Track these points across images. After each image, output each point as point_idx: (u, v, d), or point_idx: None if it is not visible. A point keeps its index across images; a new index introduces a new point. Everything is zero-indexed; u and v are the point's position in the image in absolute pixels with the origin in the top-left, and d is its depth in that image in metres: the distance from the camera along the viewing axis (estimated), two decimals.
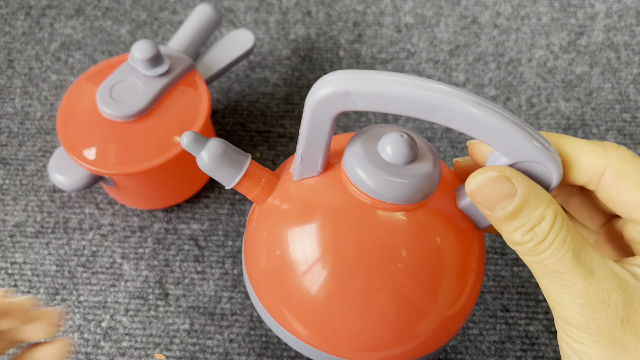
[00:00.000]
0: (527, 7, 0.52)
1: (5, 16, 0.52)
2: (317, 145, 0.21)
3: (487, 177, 0.20)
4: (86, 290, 0.39)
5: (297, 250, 0.22)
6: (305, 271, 0.22)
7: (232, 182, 0.23)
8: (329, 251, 0.22)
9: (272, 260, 0.23)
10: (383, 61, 0.49)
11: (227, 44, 0.43)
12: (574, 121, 0.45)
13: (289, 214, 0.23)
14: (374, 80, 0.19)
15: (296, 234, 0.22)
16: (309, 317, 0.22)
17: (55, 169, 0.38)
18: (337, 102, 0.19)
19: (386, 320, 0.22)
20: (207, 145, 0.22)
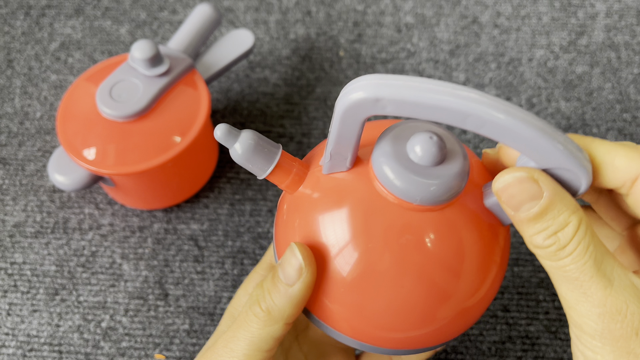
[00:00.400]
0: (527, 7, 0.52)
1: (5, 16, 0.52)
2: (346, 145, 0.22)
3: (514, 177, 0.20)
4: (86, 291, 0.39)
5: (329, 234, 0.23)
6: (336, 254, 0.22)
7: (265, 173, 0.23)
8: (358, 236, 0.22)
9: (306, 243, 0.23)
10: (383, 61, 0.49)
11: (227, 44, 0.43)
12: (574, 121, 0.45)
13: (320, 202, 0.23)
14: (404, 87, 0.19)
15: (327, 220, 0.23)
16: (339, 296, 0.23)
17: (54, 169, 0.38)
18: (367, 107, 0.20)
19: (412, 302, 0.22)
20: (240, 138, 0.23)
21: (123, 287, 0.39)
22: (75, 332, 0.38)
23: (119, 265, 0.40)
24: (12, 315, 0.38)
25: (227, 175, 0.43)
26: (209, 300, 0.38)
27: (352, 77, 0.48)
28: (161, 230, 0.41)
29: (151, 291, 0.39)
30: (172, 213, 0.42)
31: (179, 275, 0.39)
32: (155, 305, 0.38)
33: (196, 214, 0.42)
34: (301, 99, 0.47)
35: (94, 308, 0.38)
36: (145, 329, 0.38)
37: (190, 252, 0.40)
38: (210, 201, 0.42)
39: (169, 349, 0.37)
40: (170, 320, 0.38)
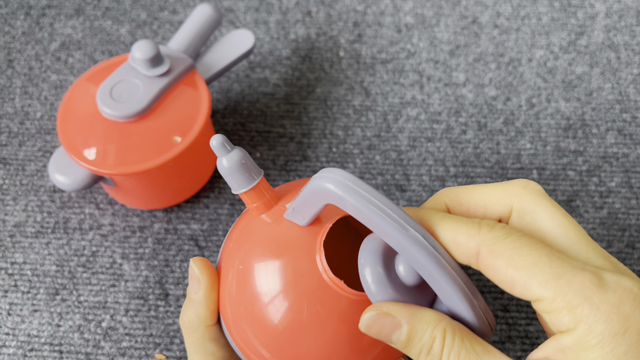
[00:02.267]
0: (527, 7, 0.52)
1: (5, 16, 0.52)
2: (307, 211, 0.24)
3: (370, 316, 0.22)
4: (86, 291, 0.39)
5: (266, 279, 0.25)
6: (267, 302, 0.24)
7: (239, 190, 0.25)
8: (288, 292, 0.24)
9: (241, 284, 0.25)
10: (383, 61, 0.49)
11: (227, 44, 0.43)
12: (574, 121, 0.45)
13: (268, 242, 0.25)
14: (366, 202, 0.21)
15: (268, 267, 0.25)
16: (271, 342, 0.25)
17: (55, 169, 0.38)
18: (332, 199, 0.22)
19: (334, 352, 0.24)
20: (230, 153, 0.25)
21: (123, 287, 0.39)
22: (75, 332, 0.38)
23: (119, 265, 0.40)
24: (13, 315, 0.38)
25: None
26: None
27: (352, 77, 0.48)
28: (161, 230, 0.41)
29: (152, 291, 0.39)
30: (172, 213, 0.42)
31: (179, 275, 0.39)
32: (155, 305, 0.38)
33: (196, 214, 0.42)
34: (301, 99, 0.47)
35: (95, 308, 0.38)
36: (146, 329, 0.38)
37: (190, 252, 0.40)
38: (211, 201, 0.42)
39: (169, 349, 0.37)
40: (170, 320, 0.38)
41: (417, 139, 0.45)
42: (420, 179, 0.43)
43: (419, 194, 0.42)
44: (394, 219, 0.21)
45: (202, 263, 0.26)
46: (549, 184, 0.43)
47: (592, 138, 0.45)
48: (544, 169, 0.43)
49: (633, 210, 0.42)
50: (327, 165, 0.44)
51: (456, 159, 0.44)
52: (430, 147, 0.44)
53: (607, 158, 0.44)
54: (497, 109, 0.46)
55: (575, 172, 0.43)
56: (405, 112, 0.46)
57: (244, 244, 0.26)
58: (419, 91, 0.47)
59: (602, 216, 0.41)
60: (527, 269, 0.20)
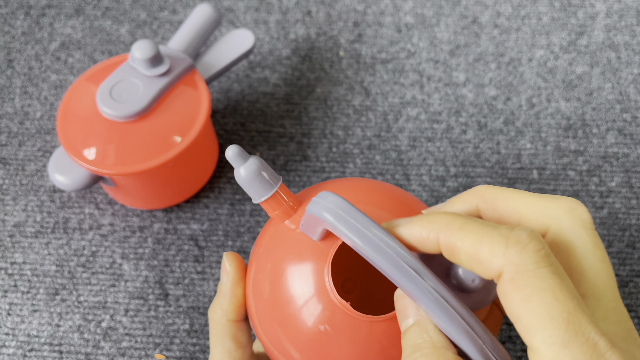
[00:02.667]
0: (527, 7, 0.52)
1: (5, 16, 0.52)
2: (311, 229, 0.24)
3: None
4: (86, 291, 0.39)
5: (297, 284, 0.25)
6: (297, 306, 0.24)
7: (260, 199, 0.25)
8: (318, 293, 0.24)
9: (273, 290, 0.26)
10: (383, 61, 0.49)
11: (227, 44, 0.43)
12: (574, 121, 0.45)
13: (292, 249, 0.25)
14: (362, 235, 0.21)
15: (297, 271, 0.25)
16: (304, 345, 0.25)
17: (55, 169, 0.38)
18: (324, 225, 0.22)
19: None
20: (247, 162, 0.25)
21: (123, 287, 0.39)
22: (75, 332, 0.38)
23: (119, 265, 0.40)
24: (13, 315, 0.38)
25: (228, 175, 0.43)
26: (209, 300, 0.38)
27: (352, 77, 0.48)
28: (161, 230, 0.41)
29: (151, 291, 0.39)
30: (172, 213, 0.42)
31: (179, 275, 0.39)
32: (155, 305, 0.38)
33: (196, 214, 0.42)
34: (301, 99, 0.47)
35: (94, 308, 0.38)
36: (146, 329, 0.38)
37: (190, 252, 0.40)
38: (211, 201, 0.42)
39: (169, 349, 0.37)
40: (170, 320, 0.38)
41: (417, 139, 0.45)
42: (421, 178, 0.43)
43: (419, 194, 0.42)
44: (384, 251, 0.20)
45: (233, 257, 0.27)
46: (549, 184, 0.43)
47: (592, 138, 0.45)
48: (544, 169, 0.43)
49: (633, 210, 0.42)
50: (327, 165, 0.44)
51: (456, 158, 0.44)
52: (430, 147, 0.44)
53: (607, 158, 0.44)
54: (497, 109, 0.46)
55: (575, 172, 0.43)
56: (406, 112, 0.46)
57: (273, 249, 0.26)
58: (419, 91, 0.47)
59: (602, 216, 0.41)
60: (541, 318, 0.18)
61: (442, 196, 0.42)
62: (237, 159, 0.24)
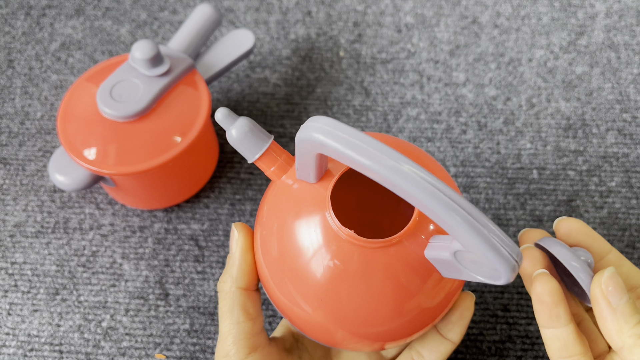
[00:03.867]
0: (527, 7, 0.52)
1: (5, 16, 0.52)
2: (306, 167, 0.24)
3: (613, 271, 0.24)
4: (86, 290, 0.39)
5: (303, 239, 0.25)
6: (307, 248, 0.25)
7: (254, 157, 0.26)
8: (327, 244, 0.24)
9: (282, 249, 0.26)
10: (383, 61, 0.49)
11: (227, 44, 0.43)
12: (574, 121, 0.45)
13: (294, 205, 0.26)
14: (346, 142, 0.20)
15: (300, 226, 0.25)
16: (315, 296, 0.25)
17: (55, 169, 0.38)
18: (315, 147, 0.22)
19: (382, 298, 0.24)
20: (236, 122, 0.25)
21: (123, 287, 0.39)
22: (75, 331, 0.38)
23: (119, 265, 0.40)
24: (13, 315, 0.38)
25: (228, 175, 0.43)
26: (209, 300, 0.39)
27: (352, 77, 0.48)
28: (162, 230, 0.41)
29: (152, 291, 0.39)
30: (172, 213, 0.42)
31: (179, 275, 0.39)
32: (155, 305, 0.38)
33: (197, 214, 0.42)
34: (301, 99, 0.47)
35: (95, 308, 0.38)
36: (146, 329, 0.38)
37: (190, 252, 0.40)
38: (211, 201, 0.42)
39: (169, 348, 0.37)
40: (170, 320, 0.38)
41: (417, 139, 0.45)
42: None
43: None
44: (376, 156, 0.20)
45: (242, 226, 0.27)
46: (549, 184, 0.43)
47: (592, 138, 0.45)
48: (544, 169, 0.43)
49: (633, 210, 0.42)
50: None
51: (456, 158, 0.44)
52: (430, 147, 0.44)
53: (607, 158, 0.44)
54: (497, 109, 0.46)
55: (575, 172, 0.43)
56: (406, 112, 0.46)
57: (275, 205, 0.26)
58: (419, 91, 0.47)
59: (602, 216, 0.41)
60: None
61: None
62: (227, 119, 0.25)
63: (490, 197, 0.42)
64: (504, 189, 0.42)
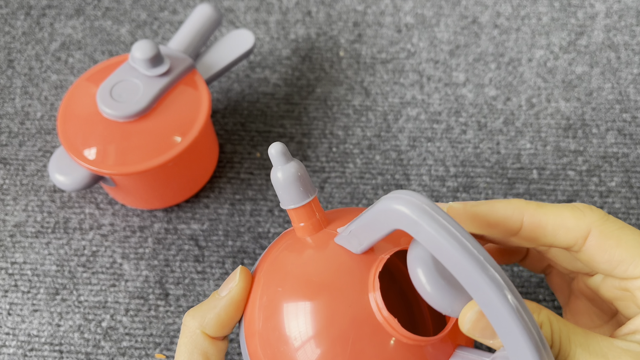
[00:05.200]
0: (527, 7, 0.52)
1: (5, 16, 0.52)
2: (366, 235, 0.21)
3: (477, 312, 0.20)
4: (86, 290, 0.39)
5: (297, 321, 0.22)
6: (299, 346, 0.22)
7: (289, 206, 0.24)
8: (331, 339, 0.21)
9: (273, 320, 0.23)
10: (383, 61, 0.49)
11: (227, 44, 0.43)
12: (574, 121, 0.45)
13: (313, 275, 0.22)
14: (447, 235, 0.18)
15: (305, 295, 0.22)
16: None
17: (55, 169, 0.38)
18: (403, 223, 0.19)
19: None
20: (287, 165, 0.23)
21: (123, 287, 0.39)
22: (75, 331, 0.38)
23: (119, 265, 0.40)
24: (13, 315, 0.38)
25: (228, 175, 0.43)
26: None
27: (352, 77, 0.48)
28: (162, 230, 0.41)
29: (152, 291, 0.39)
30: (172, 213, 0.42)
31: (179, 275, 0.39)
32: (155, 305, 0.38)
33: (197, 214, 0.42)
34: (301, 99, 0.47)
35: (95, 308, 0.38)
36: (146, 329, 0.38)
37: (190, 252, 0.40)
38: (211, 201, 0.42)
39: (169, 348, 0.37)
40: (170, 320, 0.38)
41: (417, 139, 0.45)
42: (420, 178, 0.43)
43: None
44: (472, 253, 0.18)
45: (245, 274, 0.24)
46: (549, 184, 0.43)
47: (592, 138, 0.45)
48: (544, 169, 0.43)
49: (633, 210, 0.42)
50: (327, 165, 0.44)
51: (456, 158, 0.44)
52: (430, 147, 0.44)
53: (607, 158, 0.44)
54: (497, 109, 0.46)
55: (575, 172, 0.43)
56: (405, 112, 0.46)
57: (285, 267, 0.23)
58: (419, 91, 0.47)
59: None
60: (635, 248, 0.22)
61: (442, 196, 0.42)
62: (279, 158, 0.23)
63: (490, 197, 0.42)
64: (504, 189, 0.42)
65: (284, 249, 0.24)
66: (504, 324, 0.18)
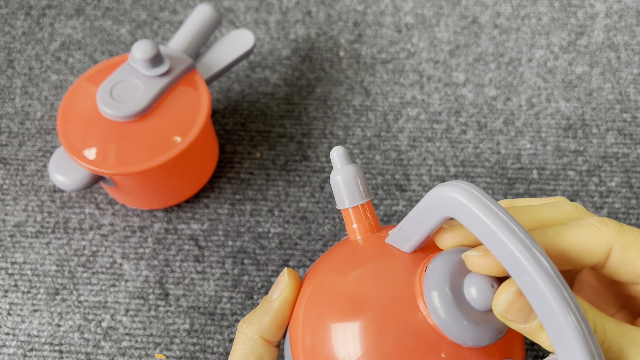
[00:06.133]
0: (527, 7, 0.52)
1: (5, 16, 0.52)
2: (416, 228, 0.22)
3: (514, 292, 0.20)
4: (86, 290, 0.39)
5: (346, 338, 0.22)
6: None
7: (344, 206, 0.25)
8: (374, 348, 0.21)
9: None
10: (383, 61, 0.49)
11: (227, 44, 0.43)
12: (574, 121, 0.45)
13: (358, 270, 0.23)
14: (494, 216, 0.18)
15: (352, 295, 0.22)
16: None
17: (55, 169, 0.38)
18: (454, 209, 0.20)
19: None
20: (347, 167, 0.24)
21: (123, 287, 0.39)
22: (75, 331, 0.38)
23: (119, 265, 0.40)
24: (13, 314, 0.38)
25: (228, 175, 0.43)
26: (209, 300, 0.39)
27: (352, 77, 0.48)
28: (162, 230, 0.41)
29: (152, 291, 0.39)
30: (172, 213, 0.42)
31: (179, 275, 0.39)
32: (155, 305, 0.38)
33: (197, 214, 0.42)
34: (301, 99, 0.47)
35: (95, 308, 0.38)
36: (146, 329, 0.38)
37: (190, 252, 0.40)
38: (211, 201, 0.42)
39: (169, 348, 0.37)
40: (170, 320, 0.38)
41: (417, 139, 0.45)
42: (420, 178, 0.43)
43: (419, 194, 0.42)
44: (522, 240, 0.18)
45: (294, 276, 0.25)
46: (549, 184, 0.43)
47: (592, 138, 0.45)
48: (544, 169, 0.43)
49: (633, 210, 0.42)
50: (327, 165, 0.44)
51: (456, 158, 0.44)
52: (430, 147, 0.44)
53: (607, 158, 0.44)
54: (497, 109, 0.46)
55: (575, 172, 0.43)
56: (405, 112, 0.46)
57: (332, 282, 0.24)
58: (419, 91, 0.47)
59: (602, 216, 0.41)
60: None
61: None
62: (340, 160, 0.25)
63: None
64: (504, 189, 0.43)
65: (334, 260, 0.25)
66: (553, 317, 0.18)
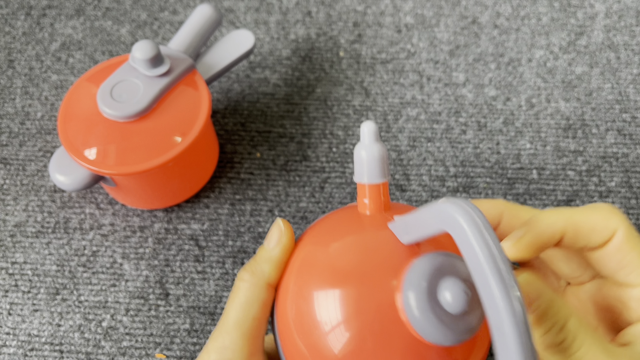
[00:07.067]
0: (527, 7, 0.52)
1: (6, 16, 0.52)
2: (416, 230, 0.23)
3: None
4: (87, 290, 0.39)
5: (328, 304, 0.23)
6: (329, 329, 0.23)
7: (362, 180, 0.25)
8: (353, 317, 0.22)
9: None
10: (383, 61, 0.49)
11: (227, 44, 0.43)
12: (574, 121, 0.46)
13: (353, 240, 0.24)
14: (483, 242, 0.19)
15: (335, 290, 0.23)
16: None
17: (55, 169, 0.38)
18: (450, 225, 0.20)
19: None
20: (374, 145, 0.25)
21: (124, 287, 0.39)
22: (76, 331, 0.38)
23: (119, 265, 0.40)
24: (13, 314, 0.38)
25: (228, 175, 0.43)
26: (209, 300, 0.39)
27: (352, 78, 0.48)
28: (162, 230, 0.41)
29: (152, 291, 0.39)
30: (172, 213, 0.42)
31: (179, 275, 0.40)
32: (156, 305, 0.39)
33: (197, 214, 0.42)
34: (301, 99, 0.47)
35: (95, 307, 0.38)
36: (146, 329, 0.38)
37: (190, 252, 0.40)
38: (211, 201, 0.42)
39: (169, 348, 0.37)
40: (171, 319, 0.38)
41: (417, 139, 0.45)
42: (420, 178, 0.43)
43: (419, 194, 0.42)
44: (502, 275, 0.19)
45: (288, 226, 0.26)
46: (549, 184, 0.43)
47: (591, 138, 0.45)
48: (544, 169, 0.43)
49: (633, 210, 0.42)
50: (327, 166, 0.44)
51: (456, 159, 0.44)
52: (430, 147, 0.44)
53: (606, 158, 0.44)
54: (497, 109, 0.46)
55: (575, 172, 0.43)
56: (405, 112, 0.46)
57: (336, 231, 0.25)
58: (419, 91, 0.47)
59: None
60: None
61: (442, 196, 0.42)
62: (371, 136, 0.25)
63: (490, 197, 0.42)
64: (504, 189, 0.43)
65: (338, 218, 0.26)
66: (507, 348, 0.19)
